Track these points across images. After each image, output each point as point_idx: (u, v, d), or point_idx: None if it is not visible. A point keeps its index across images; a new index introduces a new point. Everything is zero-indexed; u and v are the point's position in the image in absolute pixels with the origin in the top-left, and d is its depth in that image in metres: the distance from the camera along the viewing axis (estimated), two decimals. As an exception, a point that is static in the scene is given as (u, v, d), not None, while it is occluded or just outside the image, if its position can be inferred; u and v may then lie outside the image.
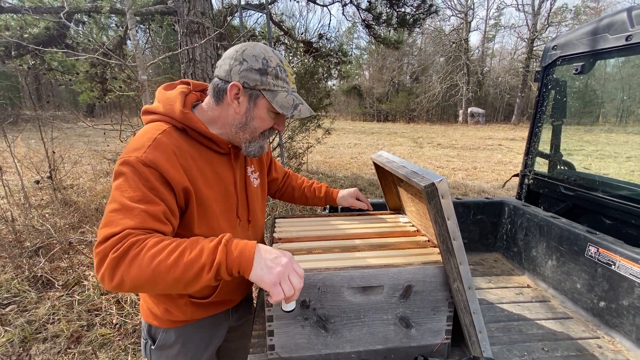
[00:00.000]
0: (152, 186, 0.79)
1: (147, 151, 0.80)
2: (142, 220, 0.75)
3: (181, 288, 0.73)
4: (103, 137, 3.89)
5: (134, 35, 3.10)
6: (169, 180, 0.82)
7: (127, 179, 0.78)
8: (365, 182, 6.65)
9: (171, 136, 0.87)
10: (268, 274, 0.74)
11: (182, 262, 0.71)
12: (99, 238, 0.73)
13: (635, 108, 22.24)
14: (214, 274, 0.72)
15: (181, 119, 0.89)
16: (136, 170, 0.78)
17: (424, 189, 0.89)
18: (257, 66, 0.86)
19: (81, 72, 5.69)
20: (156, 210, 0.78)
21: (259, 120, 0.92)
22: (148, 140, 0.83)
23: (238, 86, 0.87)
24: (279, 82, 0.89)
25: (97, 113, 16.84)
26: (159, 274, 0.70)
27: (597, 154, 10.75)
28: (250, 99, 0.89)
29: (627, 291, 1.21)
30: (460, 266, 0.95)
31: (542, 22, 25.69)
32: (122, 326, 2.41)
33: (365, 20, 6.09)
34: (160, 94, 0.96)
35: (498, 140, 14.85)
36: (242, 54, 0.87)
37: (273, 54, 0.90)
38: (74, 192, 5.19)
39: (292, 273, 0.77)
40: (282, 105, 0.89)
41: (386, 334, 1.03)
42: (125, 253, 0.70)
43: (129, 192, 0.77)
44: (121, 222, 0.74)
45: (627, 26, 1.30)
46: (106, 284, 0.71)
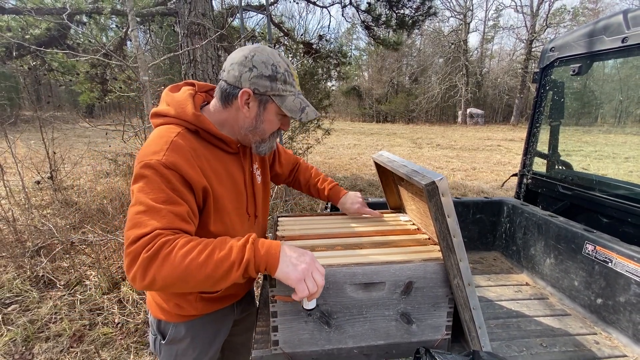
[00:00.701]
0: (175, 187, 0.82)
1: (167, 154, 0.82)
2: (170, 220, 0.78)
3: (210, 285, 0.76)
4: (103, 137, 3.91)
5: (136, 36, 3.13)
6: (190, 181, 0.85)
7: (149, 181, 0.80)
8: (365, 183, 6.67)
9: (186, 138, 0.89)
10: (294, 271, 0.79)
11: (213, 260, 0.74)
12: (129, 239, 0.75)
13: (633, 109, 22.28)
14: (242, 271, 0.76)
15: (194, 121, 0.91)
16: (158, 173, 0.80)
17: (425, 187, 0.91)
18: (267, 73, 0.88)
19: (81, 72, 5.70)
20: (181, 210, 0.81)
21: (268, 123, 0.95)
22: (166, 143, 0.85)
23: (249, 92, 0.89)
24: (287, 86, 0.92)
25: (96, 114, 16.84)
26: (191, 272, 0.73)
27: (595, 154, 10.79)
28: (260, 104, 0.92)
29: (623, 288, 1.23)
30: (460, 263, 0.97)
31: (541, 23, 25.80)
32: (124, 325, 2.43)
33: (364, 21, 6.12)
34: (169, 97, 0.97)
35: (497, 141, 14.89)
36: (251, 61, 0.89)
37: (280, 59, 0.92)
38: (74, 192, 5.20)
39: (315, 271, 0.82)
40: (291, 109, 0.93)
41: (388, 329, 1.05)
42: (157, 253, 0.73)
43: (153, 194, 0.79)
44: (149, 222, 0.76)
45: (623, 28, 1.33)
46: (138, 283, 0.74)
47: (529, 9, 26.43)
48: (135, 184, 0.82)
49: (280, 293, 0.96)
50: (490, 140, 15.16)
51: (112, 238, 3.15)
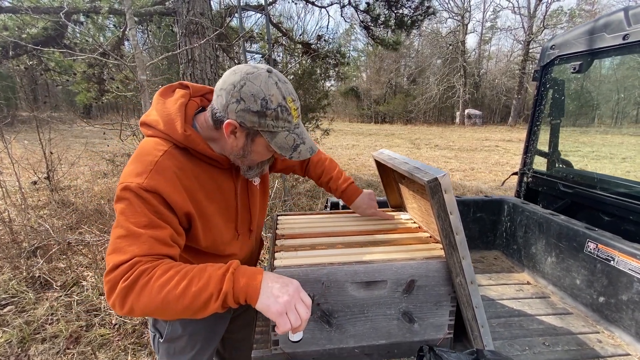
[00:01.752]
0: (157, 210, 0.79)
1: (149, 176, 0.79)
2: (150, 246, 0.76)
3: (190, 315, 0.75)
4: (101, 138, 3.88)
5: (134, 35, 3.11)
6: (172, 204, 0.82)
7: (130, 204, 0.78)
8: (364, 183, 6.66)
9: (173, 157, 0.85)
10: (274, 304, 0.74)
11: (190, 291, 0.73)
12: (108, 266, 0.74)
13: (630, 109, 22.46)
14: (221, 302, 0.74)
15: (183, 141, 0.86)
16: (139, 196, 0.78)
17: (427, 184, 0.90)
18: (255, 108, 0.79)
19: (78, 72, 5.67)
20: (163, 234, 0.79)
21: (256, 154, 0.90)
22: (150, 164, 0.81)
23: (235, 125, 0.82)
24: (279, 122, 0.83)
25: (93, 114, 16.77)
26: (168, 304, 0.72)
27: (593, 155, 10.83)
28: (248, 136, 0.85)
29: (626, 286, 1.22)
30: (463, 261, 0.96)
31: (538, 24, 25.91)
32: (121, 326, 2.40)
33: (363, 21, 6.12)
34: (159, 105, 0.90)
35: (495, 141, 14.93)
36: (239, 91, 0.80)
37: (276, 90, 0.81)
38: (71, 193, 5.17)
39: (298, 302, 0.77)
40: (281, 147, 0.85)
41: (389, 328, 1.04)
42: (134, 283, 0.72)
43: (134, 218, 0.77)
44: (129, 249, 0.75)
45: (624, 25, 1.32)
46: (117, 310, 0.74)
47: (526, 10, 26.56)
48: (116, 204, 0.80)
49: (281, 292, 0.95)
50: (489, 140, 15.20)
51: (109, 239, 3.12)
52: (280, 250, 1.06)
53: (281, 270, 0.93)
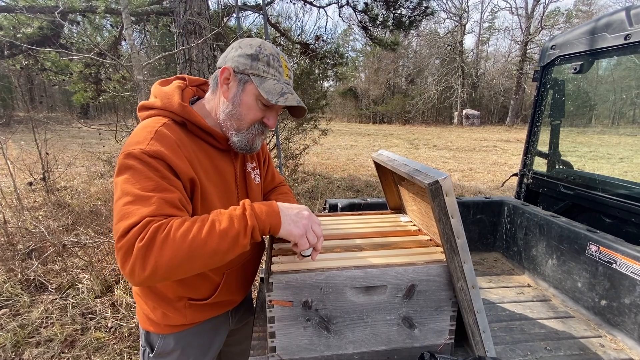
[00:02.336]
0: (163, 175, 0.78)
1: (150, 143, 0.78)
2: (159, 207, 0.73)
3: (219, 259, 0.74)
4: (97, 138, 3.84)
5: (130, 35, 3.08)
6: (176, 170, 0.80)
7: (135, 171, 0.75)
8: (362, 184, 6.64)
9: (172, 129, 0.85)
10: (295, 228, 0.83)
11: (216, 232, 0.72)
12: (118, 233, 0.70)
13: (627, 110, 22.54)
14: (249, 237, 0.77)
15: (180, 112, 0.87)
16: (143, 162, 0.76)
17: (428, 187, 0.88)
18: (249, 52, 0.87)
19: (75, 72, 5.63)
20: (172, 197, 0.77)
21: (245, 107, 0.90)
22: (150, 133, 0.81)
23: (229, 70, 0.87)
24: (269, 69, 0.88)
25: (91, 114, 16.70)
26: (196, 249, 0.70)
27: (590, 155, 10.87)
28: (240, 84, 0.88)
29: (628, 289, 1.21)
30: (464, 265, 0.94)
31: (536, 25, 26.00)
32: (117, 330, 2.37)
33: (361, 22, 6.10)
34: (157, 89, 0.94)
35: (493, 141, 14.95)
36: (239, 42, 0.90)
37: (271, 46, 0.90)
38: (67, 194, 5.13)
39: (313, 224, 0.87)
40: (268, 91, 0.87)
41: (389, 334, 1.02)
42: (152, 239, 0.68)
43: (140, 183, 0.74)
44: (138, 212, 0.71)
45: (625, 25, 1.31)
46: (137, 276, 0.68)
47: (523, 11, 26.64)
48: (119, 176, 0.77)
49: (278, 297, 0.92)
50: (487, 141, 15.22)
51: (105, 240, 3.09)
52: (278, 254, 1.04)
53: (279, 276, 0.90)
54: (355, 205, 1.71)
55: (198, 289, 0.99)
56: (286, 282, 0.91)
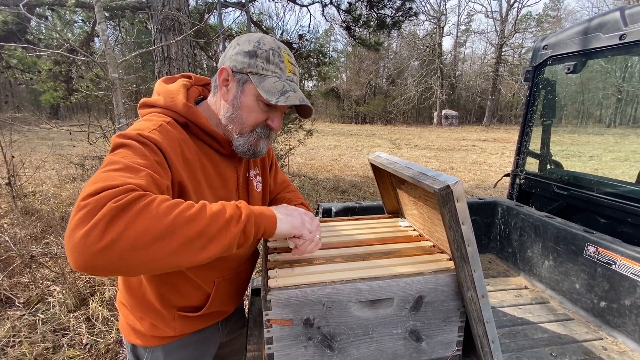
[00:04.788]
0: (158, 160, 0.70)
1: (153, 131, 0.72)
2: (148, 183, 0.62)
3: (200, 246, 0.59)
4: (68, 139, 3.60)
5: (103, 30, 2.89)
6: (171, 166, 0.72)
7: (130, 147, 0.67)
8: (347, 184, 6.61)
9: (176, 129, 0.79)
10: (294, 220, 0.80)
11: (206, 213, 0.62)
12: (87, 191, 0.54)
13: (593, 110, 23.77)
14: (242, 227, 0.67)
15: (184, 113, 0.81)
16: (140, 142, 0.68)
17: (438, 192, 0.82)
18: (247, 48, 0.80)
19: (43, 70, 5.29)
20: (162, 182, 0.67)
21: (246, 109, 0.83)
22: (154, 125, 0.75)
23: (227, 70, 0.81)
24: (269, 66, 0.81)
25: (61, 114, 15.90)
26: (179, 225, 0.57)
27: (562, 153, 11.31)
28: (239, 85, 0.82)
29: (628, 291, 1.20)
30: (475, 273, 0.89)
31: (510, 28, 26.93)
32: (93, 346, 2.20)
33: (345, 21, 6.07)
34: (161, 87, 0.88)
35: (471, 141, 15.34)
36: (238, 39, 0.83)
37: (271, 40, 0.82)
38: (36, 199, 4.81)
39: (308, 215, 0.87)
40: (267, 90, 0.79)
41: (395, 349, 0.95)
42: (130, 204, 0.54)
43: (133, 157, 0.65)
44: (122, 178, 0.58)
45: (620, 25, 1.31)
46: (88, 245, 0.49)
47: (498, 15, 27.54)
48: (108, 155, 0.67)
49: (276, 316, 0.84)
50: (465, 140, 15.60)
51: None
52: (274, 267, 0.95)
53: (277, 292, 0.82)
54: (350, 209, 1.64)
55: (188, 298, 0.92)
56: (286, 299, 0.83)
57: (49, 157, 6.24)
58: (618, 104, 20.83)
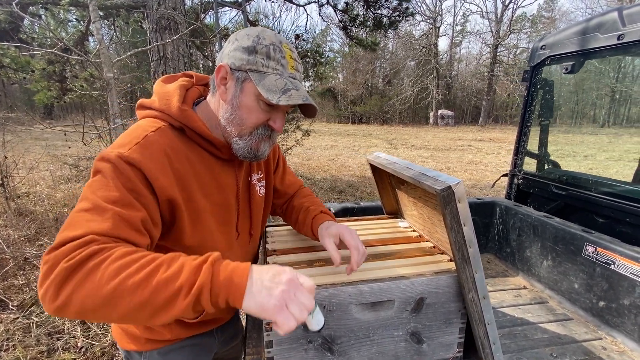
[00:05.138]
0: (134, 188, 0.66)
1: (134, 148, 0.68)
2: (114, 225, 0.61)
3: (145, 317, 0.56)
4: (63, 140, 3.56)
5: (98, 29, 2.86)
6: (154, 185, 0.69)
7: (103, 176, 0.65)
8: (345, 184, 6.61)
9: (166, 135, 0.75)
10: (269, 298, 0.57)
11: (154, 280, 0.55)
12: (55, 242, 0.58)
13: (588, 110, 23.91)
14: (192, 300, 0.55)
15: (178, 117, 0.77)
16: (116, 168, 0.66)
17: (440, 193, 0.81)
18: (246, 44, 0.75)
19: (37, 69, 5.23)
20: (134, 216, 0.64)
21: (245, 109, 0.77)
22: (137, 138, 0.71)
23: (225, 68, 0.76)
24: (270, 62, 0.75)
25: (55, 115, 15.74)
26: (120, 295, 0.53)
27: (557, 153, 11.40)
28: (237, 83, 0.76)
29: (627, 290, 1.20)
30: (476, 275, 0.88)
31: (505, 29, 27.10)
32: (88, 349, 2.17)
33: (342, 21, 6.06)
34: (159, 87, 0.84)
35: (467, 141, 15.41)
36: (236, 34, 0.78)
37: (272, 34, 0.77)
38: (30, 200, 4.75)
39: (298, 290, 0.59)
40: (268, 89, 0.74)
41: (396, 351, 0.95)
42: (81, 263, 0.54)
43: (103, 191, 0.64)
44: (86, 224, 0.59)
45: (618, 25, 1.31)
46: (47, 303, 0.54)
47: (493, 15, 27.70)
48: (91, 179, 0.67)
49: (277, 319, 0.83)
50: (461, 140, 15.66)
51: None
52: (274, 269, 0.94)
53: (278, 295, 0.81)
54: (349, 210, 1.63)
55: None
56: (286, 301, 0.82)
57: (42, 158, 6.17)
58: (612, 104, 21.04)
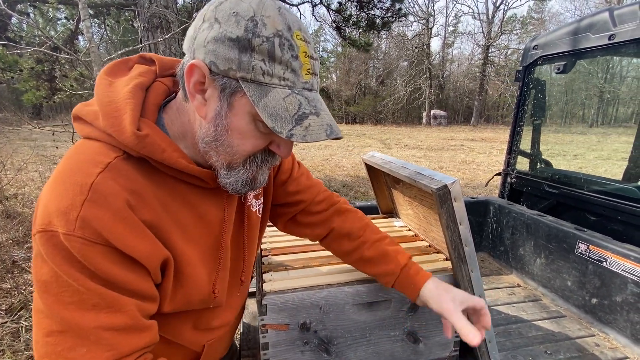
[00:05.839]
0: (107, 274, 0.46)
1: (82, 215, 0.44)
2: (111, 345, 0.46)
3: None
4: (52, 140, 3.49)
5: (88, 27, 2.81)
6: (134, 255, 0.49)
7: (57, 274, 0.45)
8: (339, 184, 6.61)
9: (120, 174, 0.49)
10: None
11: None
12: None
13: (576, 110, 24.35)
14: None
15: (135, 146, 0.50)
16: (70, 255, 0.44)
17: (436, 192, 0.81)
18: (235, 33, 0.46)
19: (25, 69, 5.13)
20: (125, 318, 0.48)
21: (237, 134, 0.52)
22: (80, 192, 0.45)
23: (201, 69, 0.48)
24: (275, 67, 0.47)
25: (44, 115, 15.48)
26: None
27: (547, 152, 11.50)
28: (223, 96, 0.49)
29: (619, 287, 1.21)
30: (472, 273, 0.89)
31: (496, 30, 27.42)
32: (79, 353, 2.13)
33: (335, 21, 6.06)
34: (101, 88, 0.55)
35: (460, 141, 15.54)
36: (215, 9, 0.48)
37: (275, 12, 0.48)
38: (18, 202, 4.65)
39: None
40: (273, 113, 0.48)
41: (393, 351, 0.94)
42: None
43: (70, 296, 0.45)
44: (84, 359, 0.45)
45: (609, 25, 1.33)
46: None
47: (485, 16, 28.00)
48: (36, 267, 0.46)
49: (272, 321, 0.82)
50: (454, 140, 15.79)
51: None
52: (269, 270, 0.93)
53: (273, 297, 0.80)
54: (344, 210, 1.63)
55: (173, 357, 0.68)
56: (282, 303, 0.81)
57: (31, 159, 6.05)
58: (600, 104, 21.45)
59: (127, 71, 0.59)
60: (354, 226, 0.84)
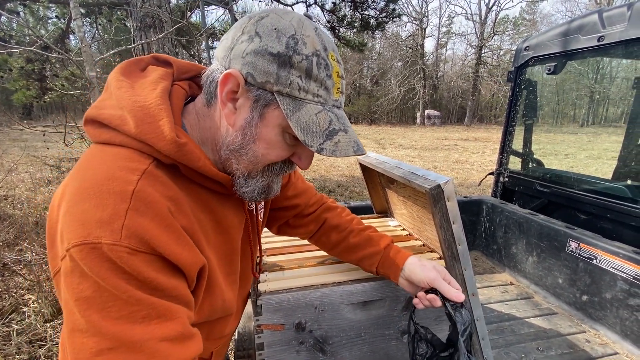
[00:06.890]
0: (155, 283, 0.45)
1: (127, 223, 0.43)
2: (166, 357, 0.44)
3: None
4: (42, 141, 3.45)
5: (79, 26, 2.78)
6: (178, 263, 0.47)
7: (101, 288, 0.42)
8: (334, 184, 6.62)
9: (157, 181, 0.48)
10: None
11: None
12: None
13: (568, 110, 24.71)
14: None
15: (174, 154, 0.49)
16: (116, 267, 0.42)
17: (429, 192, 0.82)
18: (276, 48, 0.48)
19: (15, 68, 5.05)
20: (177, 326, 0.46)
21: (264, 144, 0.54)
22: (121, 199, 0.44)
23: (237, 79, 0.50)
24: (311, 84, 0.50)
25: (35, 115, 15.27)
26: None
27: (539, 152, 11.63)
28: (256, 107, 0.51)
29: (609, 284, 1.24)
30: (465, 272, 0.90)
31: (489, 31, 27.69)
32: (72, 356, 2.11)
33: (329, 21, 6.07)
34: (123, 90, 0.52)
35: (454, 140, 15.67)
36: (256, 23, 0.50)
37: (313, 33, 0.51)
38: (8, 204, 4.58)
39: None
40: (305, 127, 0.50)
41: (388, 350, 0.95)
42: None
43: (117, 310, 0.42)
44: None
45: (598, 27, 1.35)
46: None
47: (478, 17, 28.26)
48: (73, 284, 0.42)
49: (267, 321, 0.82)
50: (448, 140, 15.92)
51: (55, 255, 2.75)
52: (264, 270, 0.93)
53: (268, 297, 0.80)
54: (338, 210, 1.63)
55: None
56: (277, 303, 0.81)
57: (21, 160, 5.96)
58: (590, 104, 21.79)
59: (141, 72, 0.58)
60: (342, 220, 0.91)
